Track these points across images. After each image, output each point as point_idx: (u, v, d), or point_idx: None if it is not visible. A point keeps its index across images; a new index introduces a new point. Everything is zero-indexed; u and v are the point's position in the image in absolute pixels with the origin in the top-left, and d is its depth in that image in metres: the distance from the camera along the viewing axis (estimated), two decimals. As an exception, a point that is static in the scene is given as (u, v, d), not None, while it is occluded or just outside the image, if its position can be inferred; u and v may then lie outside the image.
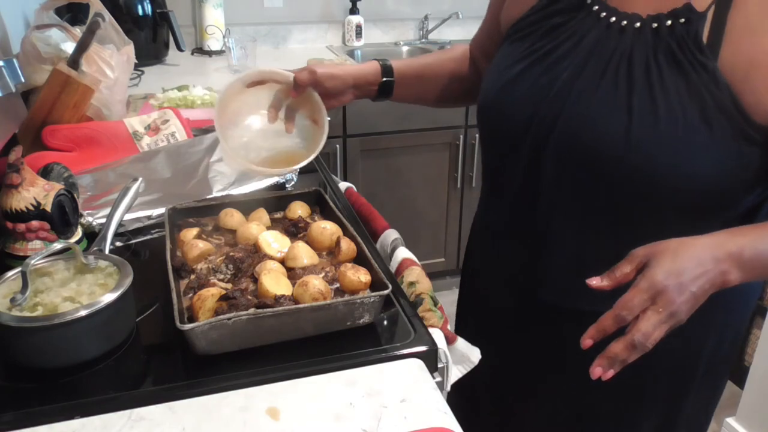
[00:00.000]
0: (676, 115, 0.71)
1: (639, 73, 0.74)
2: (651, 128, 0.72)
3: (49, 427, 0.64)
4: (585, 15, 0.81)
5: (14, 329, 0.69)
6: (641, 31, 0.75)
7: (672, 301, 0.62)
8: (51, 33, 1.45)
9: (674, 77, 0.72)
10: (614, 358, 0.63)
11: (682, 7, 0.73)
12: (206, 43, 2.62)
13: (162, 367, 0.76)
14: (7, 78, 0.92)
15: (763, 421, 1.81)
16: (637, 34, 0.75)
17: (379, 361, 0.73)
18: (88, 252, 0.81)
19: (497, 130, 0.89)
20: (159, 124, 1.36)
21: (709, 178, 0.72)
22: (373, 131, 2.40)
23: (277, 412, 0.66)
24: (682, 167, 0.72)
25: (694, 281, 0.63)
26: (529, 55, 0.84)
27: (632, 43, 0.75)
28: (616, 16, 0.77)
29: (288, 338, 0.76)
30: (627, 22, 0.76)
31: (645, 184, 0.74)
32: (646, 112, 0.72)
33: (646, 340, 0.62)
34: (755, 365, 1.82)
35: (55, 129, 1.27)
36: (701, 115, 0.70)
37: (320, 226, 0.92)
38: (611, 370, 0.64)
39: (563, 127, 0.78)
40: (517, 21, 0.89)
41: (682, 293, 0.63)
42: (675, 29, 0.73)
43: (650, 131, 0.72)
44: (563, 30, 0.82)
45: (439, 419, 0.65)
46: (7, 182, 0.90)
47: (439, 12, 2.94)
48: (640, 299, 0.63)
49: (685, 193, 0.74)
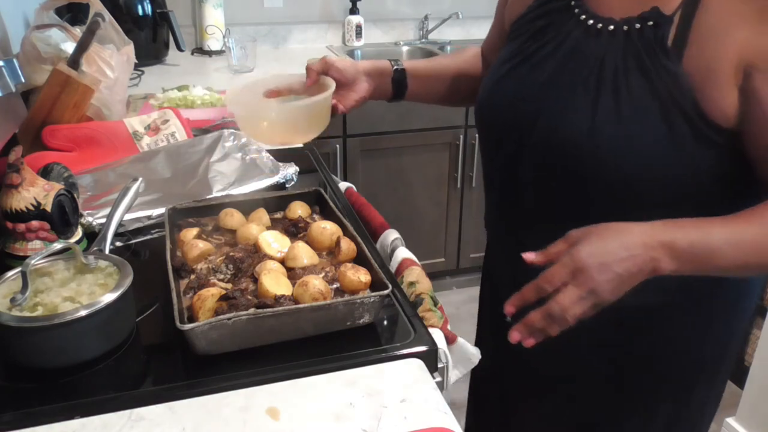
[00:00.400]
0: (638, 115, 0.73)
1: (608, 75, 0.76)
2: (613, 127, 0.74)
3: (49, 427, 0.64)
4: (569, 18, 0.83)
5: (14, 329, 0.69)
6: (614, 35, 0.78)
7: (591, 279, 0.64)
8: (51, 33, 1.45)
9: (639, 79, 0.74)
10: (531, 326, 0.66)
11: (650, 10, 0.75)
12: (206, 43, 2.62)
13: (162, 367, 0.76)
14: (7, 78, 0.92)
15: (763, 421, 1.81)
16: (611, 37, 0.78)
17: (379, 361, 0.73)
18: (88, 252, 0.81)
19: (486, 127, 0.92)
20: (159, 124, 1.36)
21: (671, 178, 0.74)
22: (373, 131, 2.40)
23: (277, 412, 0.66)
24: (642, 166, 0.74)
25: (618, 263, 0.65)
26: (517, 55, 0.87)
27: (606, 46, 0.78)
28: (594, 19, 0.80)
29: (288, 338, 0.76)
30: (602, 26, 0.79)
31: (609, 182, 0.76)
32: (609, 112, 0.75)
33: (564, 313, 0.64)
34: (755, 365, 1.82)
35: (55, 129, 1.27)
36: (662, 116, 0.72)
37: (320, 226, 0.92)
38: (531, 339, 0.67)
39: (541, 126, 0.81)
40: (516, 20, 0.91)
41: (603, 273, 0.64)
42: (644, 32, 0.75)
43: (612, 130, 0.74)
44: (549, 31, 0.85)
45: (439, 419, 0.65)
46: (7, 182, 0.90)
47: (439, 12, 2.94)
48: (561, 273, 0.65)
49: (650, 193, 0.75)
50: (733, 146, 0.72)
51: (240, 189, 1.14)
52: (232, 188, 1.14)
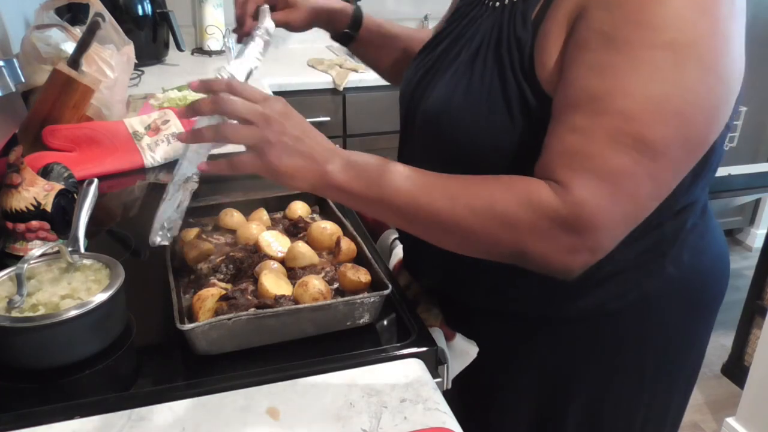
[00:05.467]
0: (483, 88, 0.73)
1: (473, 49, 0.77)
2: (462, 98, 0.74)
3: (49, 427, 0.64)
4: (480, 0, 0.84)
5: (12, 329, 0.68)
6: (494, 10, 0.78)
7: (273, 132, 0.65)
8: (51, 33, 1.46)
9: (493, 53, 0.73)
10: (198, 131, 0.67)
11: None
12: (206, 43, 2.62)
13: (162, 367, 0.76)
14: (7, 78, 0.92)
15: (763, 421, 1.81)
16: (491, 12, 0.78)
17: (379, 361, 0.73)
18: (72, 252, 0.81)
19: (400, 109, 0.93)
20: (159, 124, 1.36)
21: (518, 155, 0.71)
22: (373, 131, 2.39)
23: (277, 412, 0.66)
24: (485, 140, 0.73)
25: (295, 138, 0.65)
26: (432, 39, 0.90)
27: (485, 21, 0.78)
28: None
29: (288, 338, 0.76)
30: (492, 3, 0.79)
31: (459, 152, 0.75)
32: (461, 83, 0.75)
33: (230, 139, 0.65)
34: (755, 365, 1.82)
35: (55, 129, 1.27)
36: (503, 92, 0.71)
37: (320, 226, 0.92)
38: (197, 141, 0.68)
39: (417, 105, 0.83)
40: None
41: (280, 134, 0.65)
42: (515, 6, 0.74)
43: (461, 101, 0.74)
44: (460, 13, 0.86)
45: (439, 419, 0.65)
46: (7, 182, 0.90)
47: (439, 12, 2.91)
48: (247, 106, 0.65)
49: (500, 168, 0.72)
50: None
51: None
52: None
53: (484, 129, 0.72)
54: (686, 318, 0.85)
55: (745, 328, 2.15)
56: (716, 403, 2.12)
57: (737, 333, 2.20)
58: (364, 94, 2.32)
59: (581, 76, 0.63)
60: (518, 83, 0.70)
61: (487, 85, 0.72)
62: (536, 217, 0.62)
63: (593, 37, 0.63)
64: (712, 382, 2.22)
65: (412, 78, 0.88)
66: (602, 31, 0.62)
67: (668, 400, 0.91)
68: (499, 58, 0.72)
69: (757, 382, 1.81)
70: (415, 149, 0.87)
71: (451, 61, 0.80)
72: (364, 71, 2.31)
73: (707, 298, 0.87)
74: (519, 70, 0.70)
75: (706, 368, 2.25)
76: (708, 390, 2.18)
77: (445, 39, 0.86)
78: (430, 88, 0.81)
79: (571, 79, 0.64)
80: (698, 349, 0.91)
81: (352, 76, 2.29)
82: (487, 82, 0.73)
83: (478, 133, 0.73)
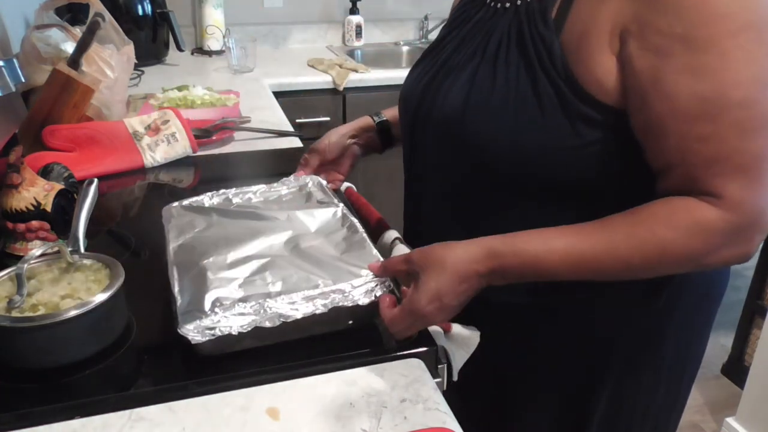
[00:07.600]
0: (509, 85, 0.73)
1: (492, 49, 0.77)
2: (485, 97, 0.74)
3: (49, 427, 0.64)
4: (481, 4, 0.84)
5: (12, 329, 0.68)
6: (507, 11, 0.78)
7: (432, 321, 0.72)
8: (51, 33, 1.46)
9: (517, 51, 0.74)
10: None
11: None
12: (206, 43, 2.62)
13: (162, 367, 0.76)
14: (7, 78, 0.92)
15: (763, 421, 1.81)
16: (503, 13, 0.78)
17: (379, 361, 0.73)
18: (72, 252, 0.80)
19: (402, 117, 0.94)
20: (159, 124, 1.36)
21: (543, 158, 0.72)
22: (373, 131, 2.39)
23: (277, 412, 0.66)
24: (510, 139, 0.73)
25: (455, 297, 0.69)
26: (434, 45, 0.90)
27: (498, 22, 0.79)
28: (495, 0, 0.81)
29: (288, 338, 0.76)
30: (500, 5, 0.80)
31: (482, 156, 0.76)
32: (484, 83, 0.75)
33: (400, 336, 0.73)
34: (755, 365, 1.82)
35: (55, 129, 1.27)
36: (533, 89, 0.71)
37: (320, 226, 0.91)
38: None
39: (429, 108, 0.83)
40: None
41: (442, 311, 0.70)
42: (531, 5, 0.74)
43: (484, 100, 0.74)
44: (462, 17, 0.87)
45: (439, 419, 0.65)
46: (7, 182, 0.90)
47: (439, 12, 2.93)
48: (404, 322, 0.71)
49: (524, 173, 0.74)
50: (621, 128, 0.69)
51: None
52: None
53: (510, 127, 0.72)
54: (686, 318, 0.85)
55: (745, 328, 2.16)
56: (716, 403, 2.12)
57: (737, 333, 2.20)
58: (364, 94, 2.32)
59: (681, 85, 0.63)
60: (551, 80, 0.70)
61: (513, 81, 0.73)
62: (710, 237, 0.64)
63: (670, 43, 0.63)
64: (712, 382, 2.22)
65: (416, 84, 0.87)
66: (678, 35, 0.62)
67: (669, 400, 0.91)
68: (525, 55, 0.72)
69: (757, 382, 1.81)
70: (428, 157, 0.86)
71: (463, 64, 0.80)
72: (364, 71, 2.31)
73: (707, 298, 0.87)
74: (550, 68, 0.70)
75: (706, 368, 2.25)
76: (708, 390, 2.18)
77: (449, 44, 0.86)
78: (442, 93, 0.81)
79: (668, 92, 0.64)
80: (698, 349, 0.91)
81: (352, 76, 2.29)
82: (514, 79, 0.73)
83: (503, 130, 0.73)
